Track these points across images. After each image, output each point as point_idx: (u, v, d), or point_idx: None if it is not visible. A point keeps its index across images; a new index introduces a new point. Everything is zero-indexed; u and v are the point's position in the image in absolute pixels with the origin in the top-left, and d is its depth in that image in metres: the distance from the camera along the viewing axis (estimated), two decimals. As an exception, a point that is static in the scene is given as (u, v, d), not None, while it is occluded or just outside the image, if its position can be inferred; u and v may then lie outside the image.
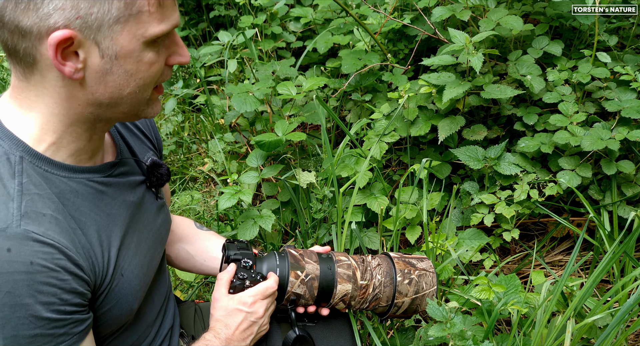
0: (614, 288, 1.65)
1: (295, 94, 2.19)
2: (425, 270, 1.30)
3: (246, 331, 1.20)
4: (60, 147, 0.95)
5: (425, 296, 1.28)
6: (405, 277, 1.27)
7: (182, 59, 0.96)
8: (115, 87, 0.90)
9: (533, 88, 2.01)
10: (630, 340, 1.82)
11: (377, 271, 1.28)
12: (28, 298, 0.84)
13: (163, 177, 1.15)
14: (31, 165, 0.92)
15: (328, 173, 2.02)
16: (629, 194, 1.96)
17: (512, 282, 1.49)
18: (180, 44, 0.96)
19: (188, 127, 2.89)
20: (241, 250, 1.25)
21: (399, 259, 1.31)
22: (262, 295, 1.21)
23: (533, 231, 2.22)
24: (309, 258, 1.27)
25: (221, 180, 2.42)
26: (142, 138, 1.20)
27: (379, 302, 1.28)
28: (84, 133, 0.96)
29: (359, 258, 1.31)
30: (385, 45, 2.46)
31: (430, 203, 2.04)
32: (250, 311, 1.20)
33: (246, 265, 1.23)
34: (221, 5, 3.29)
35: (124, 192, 1.06)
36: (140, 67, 0.90)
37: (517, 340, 1.47)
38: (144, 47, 0.89)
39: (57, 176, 0.94)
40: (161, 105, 1.03)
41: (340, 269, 1.26)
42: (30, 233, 0.85)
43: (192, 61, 2.91)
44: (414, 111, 2.12)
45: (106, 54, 0.87)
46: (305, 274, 1.24)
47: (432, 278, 1.29)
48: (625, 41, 2.27)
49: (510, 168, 2.00)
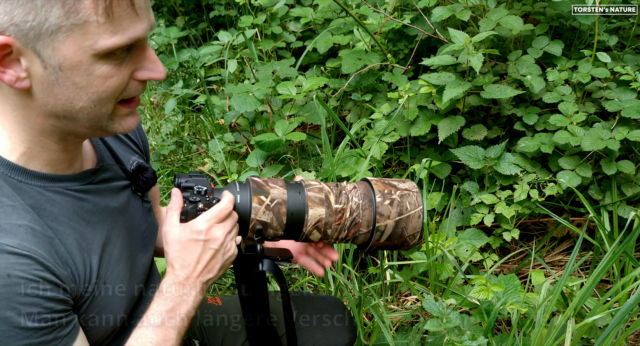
0: (614, 288, 1.65)
1: (295, 94, 2.19)
2: (408, 190, 1.15)
3: (210, 263, 1.04)
4: (32, 157, 0.92)
5: (411, 218, 1.14)
6: (385, 198, 1.13)
7: (153, 75, 0.89)
8: (65, 99, 0.85)
9: (533, 88, 2.01)
10: (630, 340, 1.82)
11: (353, 193, 1.14)
12: (9, 311, 0.83)
13: (148, 181, 1.11)
14: (3, 176, 0.89)
15: (328, 173, 2.02)
16: (629, 194, 1.96)
17: (511, 282, 1.49)
18: (152, 59, 0.89)
19: (188, 127, 2.89)
20: (194, 177, 1.10)
21: (377, 181, 1.17)
22: (217, 218, 1.04)
23: (533, 231, 2.22)
24: (275, 183, 1.12)
25: (221, 180, 2.42)
26: (126, 142, 1.16)
27: (359, 228, 1.13)
28: (55, 144, 0.92)
29: (332, 184, 1.17)
30: (385, 45, 2.46)
31: (430, 203, 2.04)
32: (206, 238, 1.03)
33: (200, 190, 1.08)
34: (221, 5, 3.29)
35: (106, 198, 1.03)
36: (92, 80, 0.84)
37: (517, 339, 1.47)
38: (94, 59, 0.83)
39: (31, 186, 0.92)
40: (138, 119, 0.95)
41: (311, 193, 1.11)
42: (5, 246, 0.83)
43: (192, 61, 2.91)
44: (414, 111, 2.12)
45: (49, 64, 0.82)
46: (271, 199, 1.09)
47: (416, 197, 1.15)
48: (625, 41, 2.27)
49: (510, 168, 2.00)
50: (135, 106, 0.93)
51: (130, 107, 0.92)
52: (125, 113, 0.92)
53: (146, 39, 0.88)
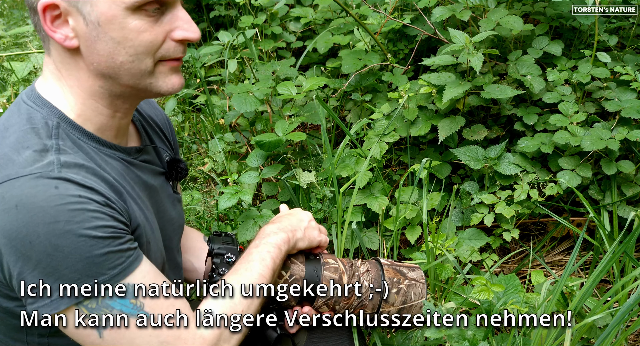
0: (614, 288, 1.65)
1: (295, 94, 2.19)
2: (416, 280, 1.26)
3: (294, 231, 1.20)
4: (87, 119, 0.99)
5: (413, 307, 1.24)
6: (393, 286, 1.24)
7: (188, 34, 0.95)
8: (106, 55, 0.92)
9: (533, 88, 2.01)
10: (630, 340, 1.82)
11: (364, 277, 1.25)
12: (87, 223, 0.88)
13: (182, 171, 1.19)
14: (66, 131, 0.96)
15: (328, 173, 2.02)
16: (629, 194, 1.96)
17: (511, 282, 1.49)
18: (186, 19, 0.95)
19: (188, 127, 2.89)
20: (226, 244, 1.23)
21: (389, 266, 1.27)
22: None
23: (533, 231, 2.22)
24: (296, 258, 1.24)
25: (221, 180, 2.42)
26: (161, 136, 1.23)
27: (365, 309, 1.25)
28: (105, 109, 0.99)
29: (347, 262, 1.27)
30: (385, 45, 2.46)
31: (430, 203, 2.04)
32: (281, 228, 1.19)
33: (229, 260, 1.20)
34: (221, 5, 3.29)
35: (147, 175, 1.10)
36: (127, 34, 0.91)
37: (517, 340, 1.47)
38: (127, 13, 0.89)
39: (87, 145, 0.98)
40: (182, 80, 1.01)
41: (327, 272, 1.23)
42: (71, 178, 0.89)
43: (192, 61, 2.91)
44: (414, 111, 2.12)
45: (89, 20, 0.90)
46: (290, 274, 1.21)
47: (421, 289, 1.25)
48: (625, 41, 2.27)
49: (510, 168, 2.00)
50: (179, 64, 0.98)
51: (172, 64, 0.97)
52: (166, 71, 0.97)
53: (178, 0, 0.95)
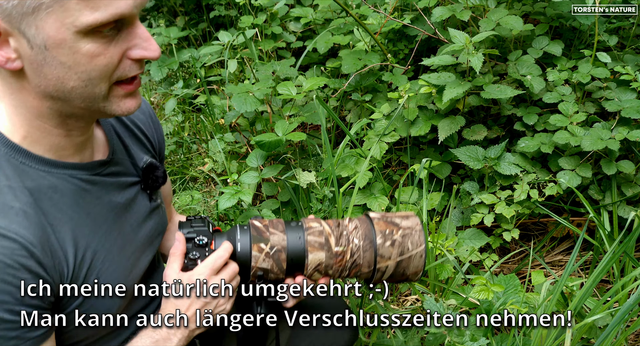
0: (614, 288, 1.65)
1: (295, 94, 2.19)
2: (410, 228, 1.16)
3: (199, 312, 1.07)
4: (34, 141, 0.90)
5: (412, 258, 1.15)
6: (386, 239, 1.14)
7: (147, 53, 0.86)
8: (55, 79, 0.84)
9: (533, 88, 2.01)
10: (630, 340, 1.82)
11: (354, 234, 1.15)
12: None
13: (158, 180, 1.11)
14: (6, 156, 0.88)
15: (328, 173, 2.02)
16: (629, 194, 1.96)
17: (511, 282, 1.49)
18: (144, 36, 0.86)
19: (188, 127, 2.89)
20: (196, 227, 1.14)
21: (379, 219, 1.17)
22: (211, 270, 1.07)
23: (533, 231, 2.22)
24: (275, 228, 1.15)
25: (221, 180, 2.42)
26: (141, 139, 1.15)
27: (360, 268, 1.16)
28: (54, 129, 0.91)
29: (334, 223, 1.18)
30: (385, 45, 2.46)
31: (430, 203, 2.04)
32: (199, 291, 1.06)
33: (200, 242, 1.12)
34: (221, 5, 3.29)
35: (111, 192, 1.02)
36: (79, 59, 0.82)
37: (517, 339, 1.47)
38: (78, 37, 0.80)
39: (34, 169, 0.90)
40: (138, 102, 0.92)
41: (311, 237, 1.14)
42: None
43: (193, 61, 2.91)
44: (414, 111, 2.12)
45: (34, 43, 0.81)
46: (270, 246, 1.13)
47: (418, 236, 1.15)
48: (625, 41, 2.27)
49: (510, 168, 2.00)
50: (135, 88, 0.90)
51: (128, 88, 0.89)
52: (122, 95, 0.89)
53: (136, 17, 0.85)
